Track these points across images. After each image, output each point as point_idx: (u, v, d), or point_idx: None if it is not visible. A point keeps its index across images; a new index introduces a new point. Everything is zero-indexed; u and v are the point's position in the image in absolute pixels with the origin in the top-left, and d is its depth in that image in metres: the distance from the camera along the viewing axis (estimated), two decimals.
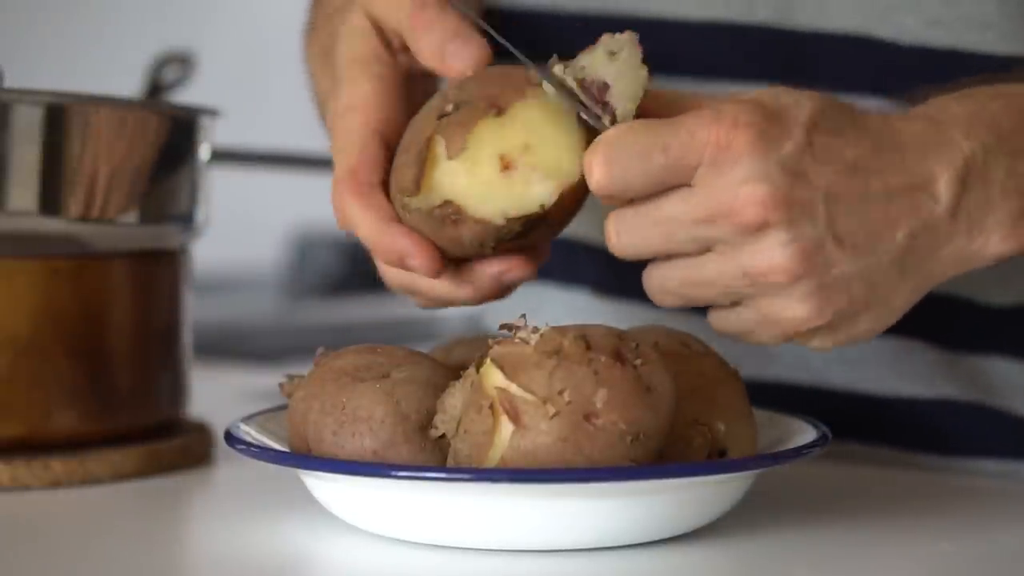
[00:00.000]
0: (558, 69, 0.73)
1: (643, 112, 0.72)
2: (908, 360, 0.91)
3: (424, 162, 0.73)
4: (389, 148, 0.76)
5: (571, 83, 0.72)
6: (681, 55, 0.92)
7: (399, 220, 0.74)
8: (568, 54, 0.74)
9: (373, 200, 0.74)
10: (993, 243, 0.73)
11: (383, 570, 0.70)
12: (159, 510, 0.84)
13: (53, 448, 0.86)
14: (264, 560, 0.71)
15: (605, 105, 0.72)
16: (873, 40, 0.88)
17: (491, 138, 0.72)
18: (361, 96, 0.77)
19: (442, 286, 0.76)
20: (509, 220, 0.72)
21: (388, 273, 0.78)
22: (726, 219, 0.69)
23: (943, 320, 0.91)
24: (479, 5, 0.96)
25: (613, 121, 0.71)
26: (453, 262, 0.75)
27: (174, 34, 1.67)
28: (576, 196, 0.73)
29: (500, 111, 0.73)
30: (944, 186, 0.71)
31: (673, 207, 0.70)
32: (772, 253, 0.69)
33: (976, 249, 0.73)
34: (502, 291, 0.76)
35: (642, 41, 0.72)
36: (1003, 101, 0.75)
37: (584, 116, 0.72)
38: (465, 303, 0.77)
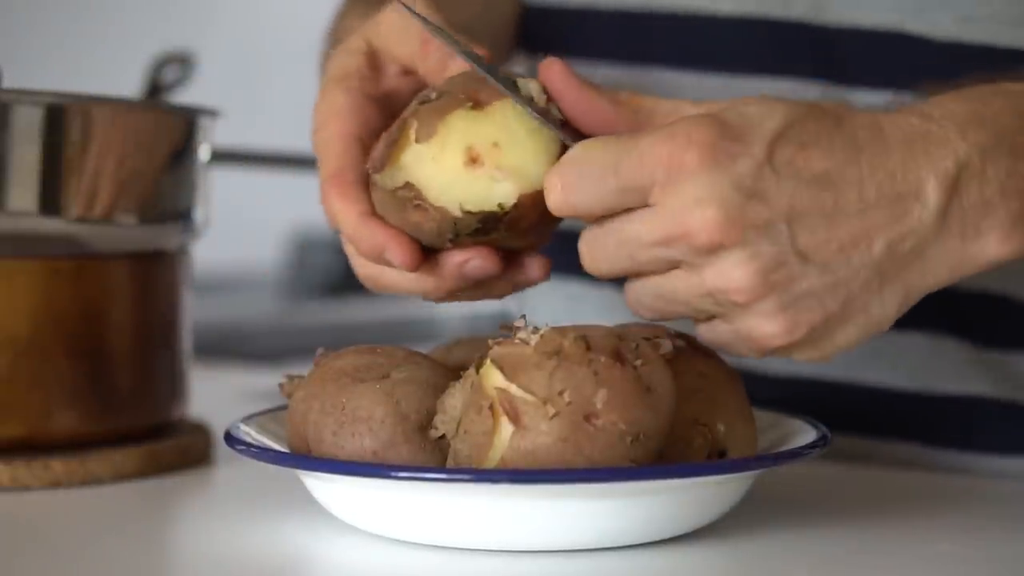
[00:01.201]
0: (534, 86, 0.73)
1: (620, 123, 0.72)
2: (939, 356, 0.91)
3: (396, 142, 0.73)
4: (368, 151, 0.76)
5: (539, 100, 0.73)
6: (716, 50, 0.93)
7: (380, 217, 0.74)
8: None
9: (354, 196, 0.75)
10: (991, 245, 0.70)
11: (383, 570, 0.70)
12: (159, 510, 0.84)
13: (53, 448, 0.86)
14: (264, 560, 0.71)
15: (564, 124, 0.72)
16: (906, 36, 0.88)
17: (463, 129, 0.72)
18: (336, 107, 0.78)
19: (407, 280, 0.76)
20: (466, 214, 0.72)
21: (358, 267, 0.78)
22: (682, 241, 0.67)
23: (976, 317, 0.90)
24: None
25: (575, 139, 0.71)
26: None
27: (174, 34, 1.67)
28: (538, 204, 0.72)
29: (478, 105, 0.73)
30: (932, 189, 0.69)
31: (633, 228, 0.69)
32: (730, 273, 0.67)
33: (973, 253, 0.70)
34: (465, 285, 0.75)
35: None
36: (1005, 99, 0.73)
37: (549, 127, 0.72)
38: (428, 296, 0.76)
